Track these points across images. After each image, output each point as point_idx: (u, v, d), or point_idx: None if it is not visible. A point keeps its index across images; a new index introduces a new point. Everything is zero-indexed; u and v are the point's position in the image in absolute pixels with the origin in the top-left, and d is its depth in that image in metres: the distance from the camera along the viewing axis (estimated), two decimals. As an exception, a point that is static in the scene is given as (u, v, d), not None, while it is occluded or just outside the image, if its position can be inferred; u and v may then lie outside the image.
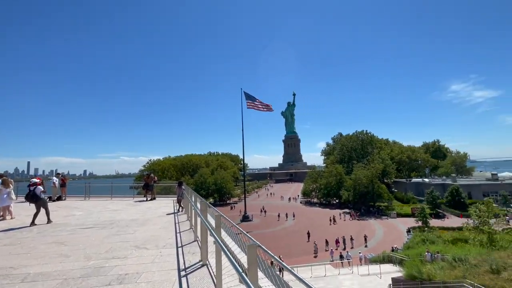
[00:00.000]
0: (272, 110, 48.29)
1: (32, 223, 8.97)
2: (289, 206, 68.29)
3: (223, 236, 5.62)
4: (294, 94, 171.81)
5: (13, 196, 10.83)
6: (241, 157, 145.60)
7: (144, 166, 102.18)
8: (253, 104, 47.39)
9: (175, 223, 9.40)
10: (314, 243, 35.83)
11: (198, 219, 5.88)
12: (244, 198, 57.93)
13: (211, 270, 4.70)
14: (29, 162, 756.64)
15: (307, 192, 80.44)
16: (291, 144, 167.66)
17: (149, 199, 17.44)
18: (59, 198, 16.76)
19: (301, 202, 77.05)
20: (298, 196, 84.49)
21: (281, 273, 22.80)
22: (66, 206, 14.21)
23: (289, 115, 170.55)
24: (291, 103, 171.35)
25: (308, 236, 39.93)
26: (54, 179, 16.52)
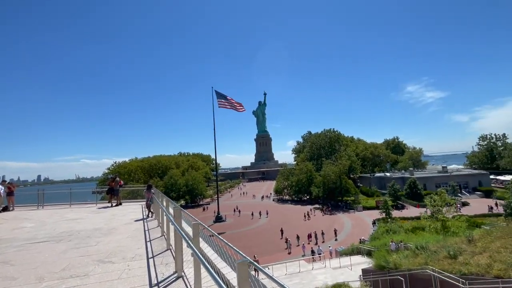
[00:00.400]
0: (244, 110, 47.96)
1: (-31, 241, 7.65)
2: (262, 204, 68.81)
3: (200, 244, 5.24)
4: (265, 94, 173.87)
5: None
6: (213, 157, 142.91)
7: (109, 169, 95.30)
8: (225, 103, 46.70)
9: (145, 231, 8.71)
10: (286, 240, 36.61)
11: (171, 226, 5.41)
12: (217, 199, 56.96)
13: (188, 283, 4.31)
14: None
15: (279, 190, 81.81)
16: (263, 143, 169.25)
17: (115, 205, 16.15)
18: (5, 209, 14.73)
19: (274, 200, 78.14)
20: (271, 194, 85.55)
21: (257, 273, 22.77)
22: (14, 218, 12.50)
23: (261, 114, 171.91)
24: (262, 103, 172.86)
25: (282, 233, 40.53)
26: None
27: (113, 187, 16.39)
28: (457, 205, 49.35)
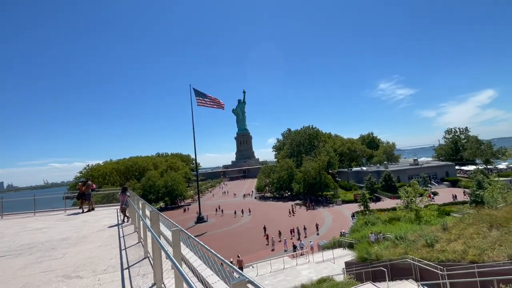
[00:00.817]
0: (223, 108, 47.24)
1: None
2: (244, 203, 68.51)
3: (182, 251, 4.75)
4: (244, 92, 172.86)
5: None
6: (193, 157, 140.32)
7: (81, 173, 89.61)
8: (204, 101, 45.62)
9: (120, 237, 7.99)
10: (267, 237, 37.19)
11: (149, 233, 4.87)
12: (198, 199, 55.81)
13: (169, 295, 3.85)
14: None
15: (261, 187, 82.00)
16: (243, 141, 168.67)
17: (86, 211, 14.95)
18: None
19: (256, 198, 78.10)
20: (253, 192, 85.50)
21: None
22: (-34, 231, 11.05)
23: (240, 113, 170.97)
24: (242, 101, 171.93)
25: (265, 230, 40.52)
26: None
27: (84, 192, 15.17)
28: (431, 195, 52.54)
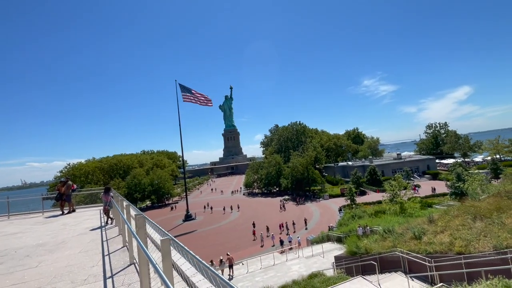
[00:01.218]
0: (211, 105, 46.39)
1: None
2: (233, 199, 68.22)
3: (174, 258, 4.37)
4: (231, 88, 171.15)
5: None
6: (179, 154, 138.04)
7: (61, 172, 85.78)
8: (190, 97, 44.60)
9: (103, 242, 7.47)
10: (253, 233, 37.70)
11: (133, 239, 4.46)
12: (186, 196, 54.94)
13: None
14: None
15: (249, 184, 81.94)
16: (231, 138, 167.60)
17: (67, 212, 14.10)
18: None
19: (244, 194, 77.99)
20: (241, 189, 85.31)
21: (231, 270, 22.23)
22: None
23: (227, 109, 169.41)
24: (229, 96, 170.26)
25: (254, 226, 40.46)
26: None
27: (64, 193, 14.27)
28: (416, 188, 54.41)
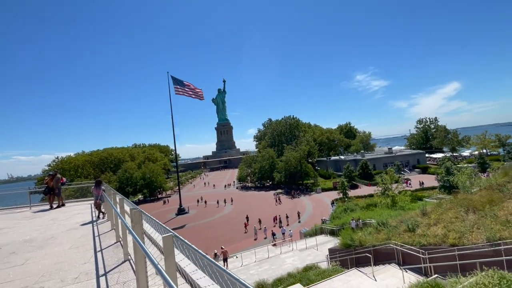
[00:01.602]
0: (203, 99, 45.74)
1: None
2: (226, 193, 68.19)
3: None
4: (224, 81, 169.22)
5: None
6: (172, 148, 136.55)
7: (49, 166, 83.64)
8: (182, 90, 43.78)
9: (94, 237, 7.16)
10: (245, 225, 38.13)
11: (129, 232, 4.20)
12: (179, 190, 54.53)
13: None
14: None
15: (242, 177, 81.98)
16: (224, 132, 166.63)
17: (56, 207, 13.63)
18: None
19: (237, 188, 78.04)
20: (234, 182, 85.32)
21: (225, 264, 22.24)
22: None
23: (220, 102, 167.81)
24: (222, 90, 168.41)
25: (247, 220, 40.57)
26: None
27: (52, 187, 13.75)
28: (408, 181, 55.50)
